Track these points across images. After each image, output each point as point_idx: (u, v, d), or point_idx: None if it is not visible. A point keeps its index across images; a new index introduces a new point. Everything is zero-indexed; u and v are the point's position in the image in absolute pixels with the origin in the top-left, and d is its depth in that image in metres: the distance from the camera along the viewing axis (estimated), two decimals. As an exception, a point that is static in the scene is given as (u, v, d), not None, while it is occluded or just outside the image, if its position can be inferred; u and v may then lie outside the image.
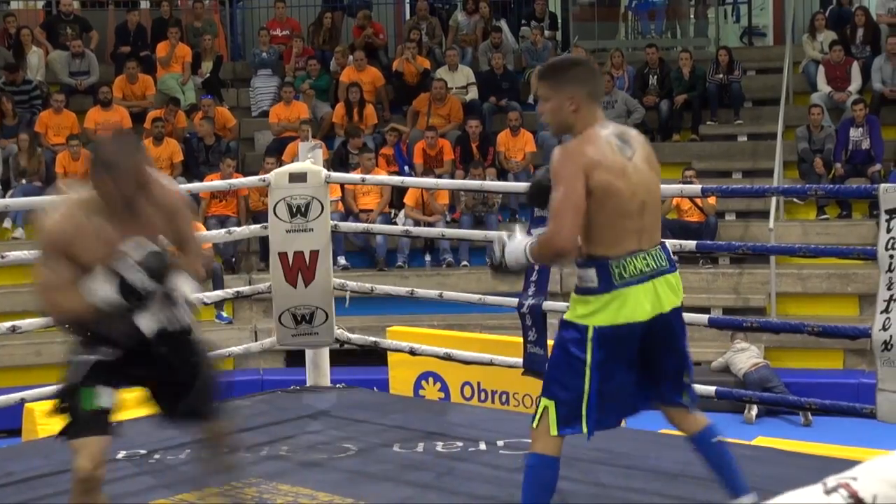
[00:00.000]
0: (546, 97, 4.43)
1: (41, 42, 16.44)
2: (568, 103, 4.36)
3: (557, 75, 4.44)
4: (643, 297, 4.42)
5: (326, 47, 17.09)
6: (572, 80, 4.40)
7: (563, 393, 4.40)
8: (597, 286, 4.37)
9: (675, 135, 15.30)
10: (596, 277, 4.37)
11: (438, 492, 5.59)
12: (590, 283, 4.38)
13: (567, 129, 4.42)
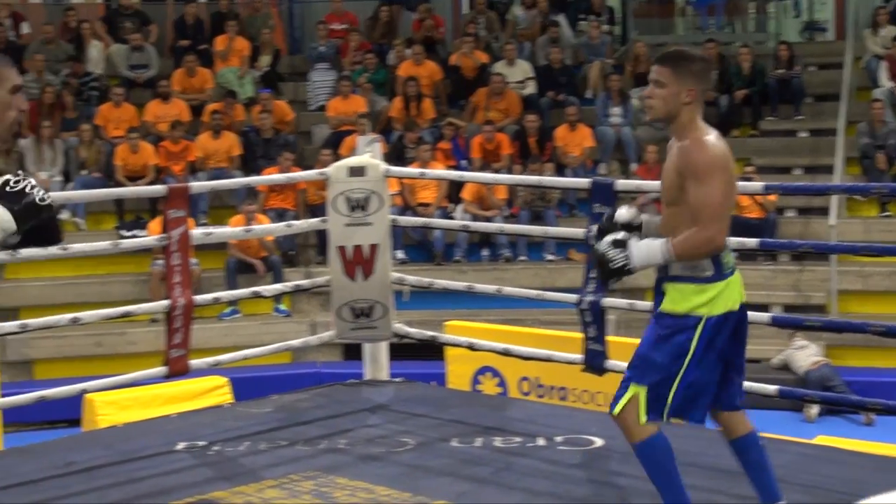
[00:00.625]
0: (664, 83, 4.47)
1: (101, 36, 16.55)
2: (685, 94, 4.44)
3: (683, 65, 4.48)
4: (738, 287, 4.57)
5: (383, 41, 17.10)
6: (696, 75, 4.50)
7: (656, 378, 4.46)
8: (712, 274, 4.46)
9: (735, 130, 15.19)
10: (711, 266, 4.46)
11: (496, 487, 5.58)
12: (706, 271, 4.47)
13: (670, 119, 4.49)
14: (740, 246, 7.27)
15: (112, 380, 6.85)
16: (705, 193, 4.34)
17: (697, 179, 4.35)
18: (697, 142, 4.42)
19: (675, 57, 4.51)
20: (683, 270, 4.46)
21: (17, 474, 5.96)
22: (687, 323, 4.45)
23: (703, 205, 4.35)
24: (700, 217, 4.36)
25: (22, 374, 12.43)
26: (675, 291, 4.50)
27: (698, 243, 4.40)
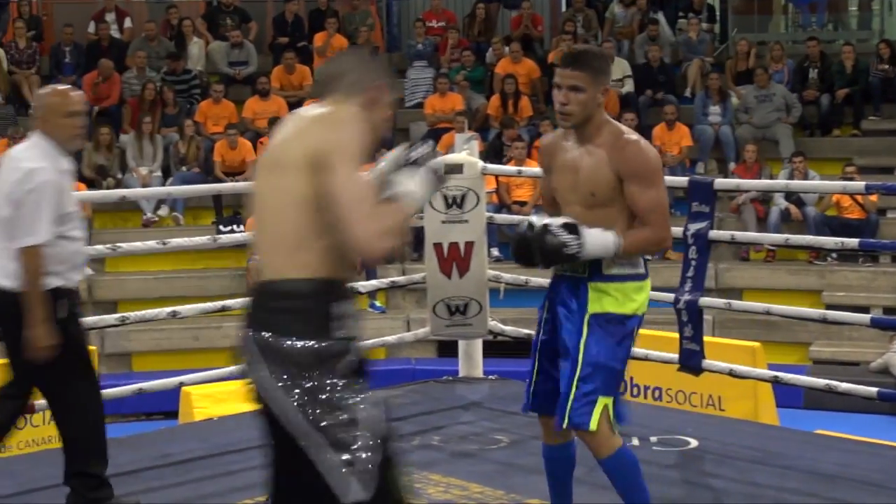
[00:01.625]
0: (582, 87, 4.29)
1: (202, 33, 16.73)
2: (601, 96, 4.33)
3: (598, 66, 4.35)
4: None
5: (481, 39, 17.10)
6: (607, 73, 4.44)
7: (617, 387, 4.36)
8: (644, 272, 4.40)
9: (836, 130, 14.98)
10: (642, 263, 4.40)
11: (589, 486, 5.54)
12: (640, 268, 4.38)
13: (585, 123, 4.33)
14: (841, 246, 7.19)
15: (209, 373, 6.93)
16: (655, 195, 4.27)
17: (646, 181, 4.26)
18: (635, 144, 4.32)
19: (590, 58, 4.35)
20: (623, 268, 4.33)
21: (115, 465, 6.00)
22: (632, 324, 4.36)
23: (655, 206, 4.27)
24: (651, 218, 4.27)
25: (120, 367, 12.60)
26: (618, 292, 4.33)
27: (652, 243, 4.35)
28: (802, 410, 10.16)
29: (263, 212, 3.39)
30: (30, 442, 8.10)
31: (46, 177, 4.88)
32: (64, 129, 4.98)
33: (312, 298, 3.31)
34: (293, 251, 3.31)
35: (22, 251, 4.88)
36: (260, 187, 3.43)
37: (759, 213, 13.51)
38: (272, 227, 3.36)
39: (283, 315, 3.32)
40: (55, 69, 16.01)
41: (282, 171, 3.33)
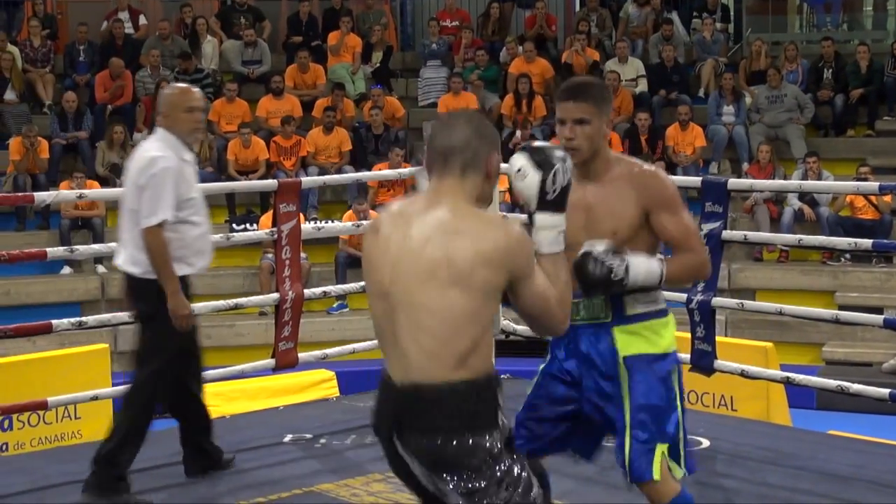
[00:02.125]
0: (588, 119, 4.09)
1: (215, 31, 16.75)
2: (607, 128, 4.15)
3: (603, 97, 4.16)
4: None
5: (495, 38, 17.10)
6: (610, 103, 4.25)
7: (673, 430, 4.12)
8: (665, 307, 4.22)
9: (850, 130, 14.96)
10: (663, 298, 4.23)
11: (601, 486, 5.55)
12: (661, 304, 4.20)
13: (592, 158, 4.12)
14: (854, 247, 7.17)
15: (221, 371, 6.93)
16: (688, 220, 4.16)
17: (673, 209, 4.11)
18: (657, 174, 4.19)
19: (593, 89, 4.16)
20: (647, 306, 4.14)
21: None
22: (671, 362, 4.15)
23: (691, 231, 4.16)
24: (691, 243, 4.15)
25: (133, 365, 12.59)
26: (647, 330, 4.12)
27: (695, 268, 4.20)
28: (815, 411, 10.14)
29: (419, 322, 3.23)
30: (42, 439, 8.12)
31: (167, 164, 5.28)
32: (184, 124, 5.40)
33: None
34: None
35: (145, 232, 5.29)
36: (405, 294, 3.25)
37: (772, 213, 13.49)
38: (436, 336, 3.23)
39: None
40: (69, 68, 16.05)
41: (452, 280, 3.19)
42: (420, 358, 3.22)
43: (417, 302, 3.21)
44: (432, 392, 3.22)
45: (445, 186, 3.32)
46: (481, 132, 3.36)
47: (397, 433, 3.29)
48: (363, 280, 3.46)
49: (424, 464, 3.27)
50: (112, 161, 14.31)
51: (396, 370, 3.29)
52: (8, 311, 11.78)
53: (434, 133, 3.38)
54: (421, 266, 3.21)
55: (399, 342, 3.26)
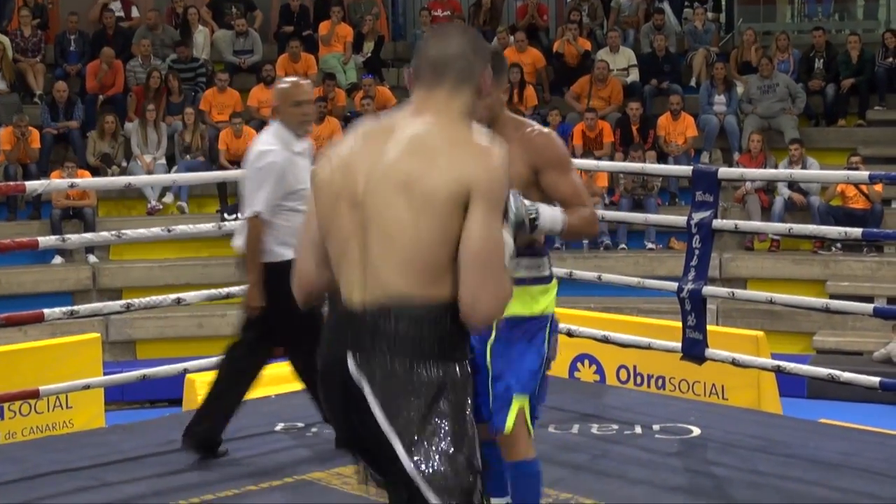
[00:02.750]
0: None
1: (207, 21, 16.73)
2: (503, 96, 4.17)
3: (499, 65, 4.03)
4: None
5: (487, 28, 17.07)
6: (504, 70, 4.21)
7: (533, 386, 4.18)
8: (549, 274, 4.30)
9: (841, 120, 14.97)
10: (547, 266, 4.30)
11: (592, 474, 5.57)
12: (546, 270, 4.28)
13: (493, 124, 4.03)
14: (845, 236, 7.19)
15: (214, 360, 6.92)
16: (576, 179, 4.19)
17: (562, 168, 4.15)
18: (544, 134, 4.19)
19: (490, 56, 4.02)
20: (529, 272, 4.17)
21: (121, 451, 6.07)
22: (540, 323, 4.22)
23: (579, 190, 4.16)
24: (579, 200, 4.13)
25: (125, 354, 12.62)
26: (525, 294, 4.14)
27: (591, 222, 4.20)
28: (806, 400, 10.16)
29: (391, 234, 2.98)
30: (34, 429, 8.12)
31: (274, 159, 5.53)
32: (292, 117, 5.60)
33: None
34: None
35: (246, 221, 5.64)
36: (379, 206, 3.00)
37: (763, 202, 13.51)
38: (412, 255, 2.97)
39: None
40: (60, 57, 16.02)
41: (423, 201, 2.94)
42: (393, 273, 2.96)
43: (390, 215, 2.97)
44: (407, 308, 2.96)
45: (433, 100, 3.10)
46: (476, 45, 3.18)
47: (355, 352, 3.00)
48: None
49: (383, 391, 2.96)
50: (103, 151, 14.31)
51: (360, 291, 3.01)
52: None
53: (426, 42, 3.18)
54: (394, 180, 2.98)
55: (370, 257, 3.00)
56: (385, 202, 2.98)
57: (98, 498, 5.40)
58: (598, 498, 5.20)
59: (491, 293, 2.94)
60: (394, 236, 2.97)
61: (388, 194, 2.98)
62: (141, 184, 13.16)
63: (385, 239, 2.98)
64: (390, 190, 2.98)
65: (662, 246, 13.70)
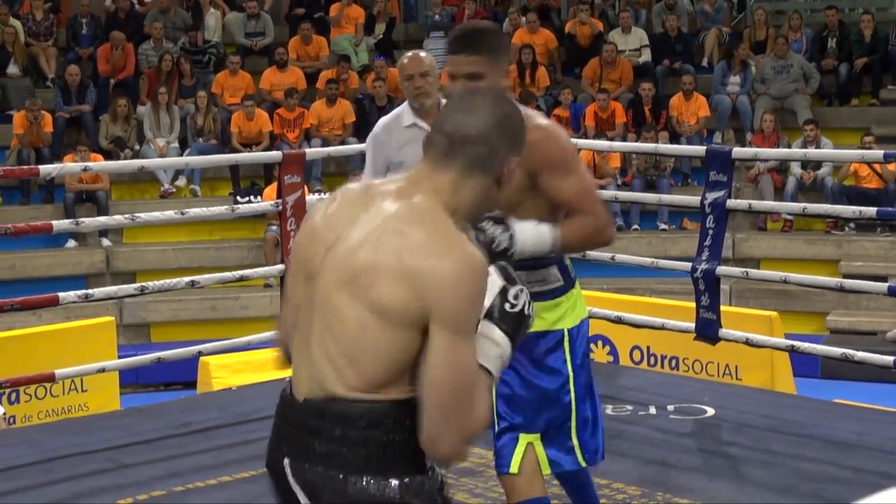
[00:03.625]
0: (482, 73, 3.59)
1: (218, 4, 16.71)
2: (504, 80, 3.66)
3: (497, 45, 3.66)
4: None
5: (498, 9, 17.06)
6: (508, 52, 3.76)
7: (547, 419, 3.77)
8: (562, 284, 3.82)
9: (854, 99, 14.91)
10: (559, 275, 3.81)
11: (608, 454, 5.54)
12: (554, 283, 3.80)
13: None
14: (859, 215, 7.18)
15: (227, 342, 6.96)
16: (580, 181, 3.70)
17: (562, 170, 3.64)
18: (538, 128, 3.62)
19: (486, 38, 3.65)
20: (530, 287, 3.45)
21: (136, 433, 6.09)
22: (549, 341, 3.77)
23: (583, 192, 3.69)
24: (584, 205, 3.67)
25: (139, 337, 12.66)
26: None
27: (593, 232, 3.70)
28: (819, 380, 10.16)
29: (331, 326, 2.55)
30: (49, 412, 8.16)
31: (374, 131, 5.58)
32: (406, 91, 5.56)
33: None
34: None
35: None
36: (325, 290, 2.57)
37: (776, 182, 13.49)
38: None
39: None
40: (72, 41, 16.02)
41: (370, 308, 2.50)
42: (331, 368, 2.54)
43: (333, 305, 2.54)
44: (343, 411, 2.53)
45: (434, 179, 2.61)
46: (506, 125, 2.66)
47: (290, 458, 2.61)
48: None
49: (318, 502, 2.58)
50: (115, 134, 14.32)
51: (303, 381, 2.61)
52: (13, 285, 11.81)
53: (446, 112, 2.68)
54: (347, 264, 2.55)
55: (311, 343, 2.59)
56: (331, 289, 2.56)
57: (116, 480, 5.42)
58: (613, 478, 5.21)
59: (455, 432, 2.48)
60: (334, 330, 2.55)
61: (335, 282, 2.55)
62: (154, 167, 13.18)
63: (325, 330, 2.56)
64: (339, 279, 2.55)
65: (675, 226, 13.69)
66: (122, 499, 5.18)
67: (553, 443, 3.79)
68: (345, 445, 2.53)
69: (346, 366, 2.53)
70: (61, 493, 5.30)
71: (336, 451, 2.54)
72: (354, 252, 2.54)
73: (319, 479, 2.56)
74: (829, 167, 13.36)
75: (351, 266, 2.54)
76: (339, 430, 2.53)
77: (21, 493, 5.31)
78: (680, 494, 5.08)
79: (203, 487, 5.33)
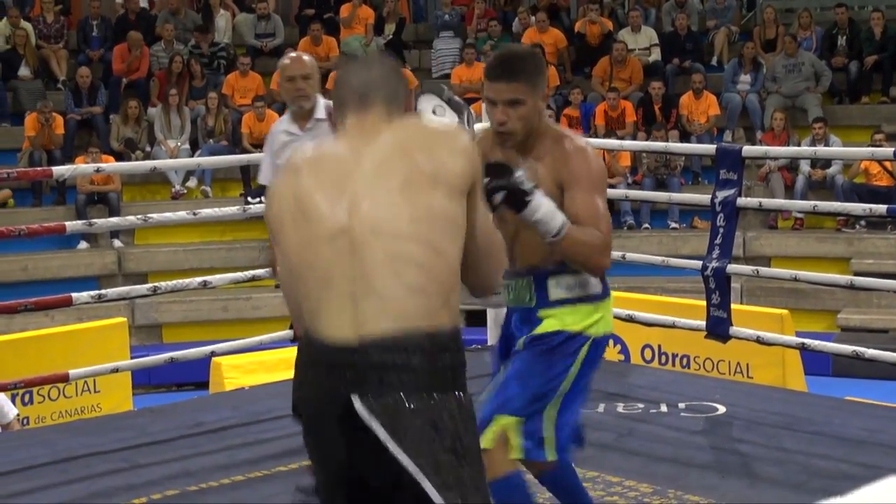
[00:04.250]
0: (522, 100, 3.69)
1: (228, 5, 16.76)
2: (543, 102, 3.75)
3: (537, 71, 3.74)
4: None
5: (508, 8, 17.08)
6: (545, 75, 3.84)
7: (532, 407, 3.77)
8: (601, 291, 3.86)
9: (865, 97, 14.91)
10: (599, 283, 3.86)
11: (619, 452, 5.58)
12: (595, 288, 3.84)
13: (529, 136, 3.75)
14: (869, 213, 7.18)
15: (240, 343, 6.97)
16: (600, 203, 3.70)
17: (586, 188, 3.67)
18: (577, 149, 3.73)
19: (524, 63, 3.74)
20: (572, 291, 3.81)
21: (149, 433, 6.11)
22: (576, 344, 3.79)
23: (598, 215, 3.68)
24: (595, 224, 3.68)
25: (151, 338, 12.69)
26: (566, 314, 3.80)
27: (595, 247, 3.68)
28: (831, 378, 10.16)
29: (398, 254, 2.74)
30: (62, 413, 8.20)
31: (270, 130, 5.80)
32: (286, 92, 5.59)
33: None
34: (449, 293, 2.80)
35: None
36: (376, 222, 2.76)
37: (786, 181, 13.49)
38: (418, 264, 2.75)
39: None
40: (83, 43, 16.07)
41: (445, 191, 2.77)
42: (405, 297, 2.71)
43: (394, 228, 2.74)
44: (416, 339, 2.71)
45: (369, 120, 2.90)
46: (398, 71, 3.03)
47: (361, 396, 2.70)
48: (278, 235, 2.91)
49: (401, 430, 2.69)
50: (126, 135, 14.36)
51: (352, 326, 2.73)
52: (26, 287, 11.85)
53: (347, 71, 3.00)
54: (392, 185, 2.77)
55: (372, 285, 2.72)
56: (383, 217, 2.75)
57: (130, 480, 5.45)
58: (625, 476, 5.22)
59: (499, 265, 2.98)
60: (402, 252, 2.73)
61: (387, 206, 2.75)
62: (166, 168, 13.22)
63: (391, 259, 2.73)
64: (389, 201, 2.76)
65: (686, 225, 13.70)
66: (136, 498, 5.20)
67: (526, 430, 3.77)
68: (423, 371, 2.71)
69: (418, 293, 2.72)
70: (76, 492, 5.33)
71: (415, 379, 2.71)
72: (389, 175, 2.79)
73: (400, 406, 2.70)
74: (838, 165, 13.36)
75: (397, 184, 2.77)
76: (416, 359, 2.71)
77: (37, 492, 5.33)
78: (691, 492, 5.08)
79: (217, 487, 5.35)
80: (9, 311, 6.39)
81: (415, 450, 2.69)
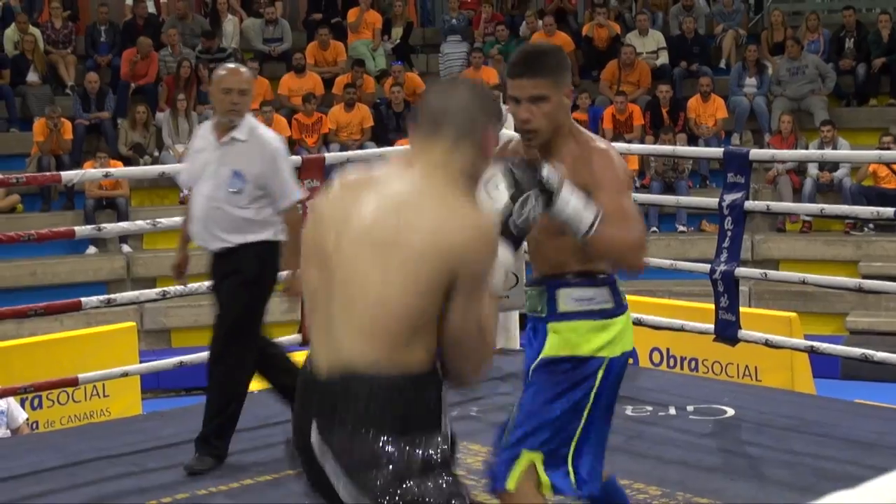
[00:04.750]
0: (546, 96, 3.58)
1: (236, 10, 16.79)
2: (567, 99, 3.65)
3: (561, 67, 3.64)
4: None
5: (515, 12, 17.10)
6: (569, 71, 3.70)
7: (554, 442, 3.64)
8: (613, 307, 3.70)
9: (872, 100, 14.91)
10: (610, 296, 3.70)
11: (627, 455, 5.59)
12: (606, 303, 3.68)
13: (552, 134, 3.63)
14: (877, 216, 7.18)
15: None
16: (626, 203, 3.55)
17: (613, 189, 3.54)
18: (601, 151, 3.63)
19: (548, 59, 3.64)
20: (580, 304, 3.66)
21: (159, 437, 6.13)
22: (588, 369, 3.65)
23: (628, 214, 3.54)
24: (628, 222, 3.52)
25: (160, 343, 12.70)
26: (573, 333, 3.65)
27: (630, 242, 3.53)
28: (839, 381, 10.16)
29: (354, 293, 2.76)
30: (72, 417, 8.21)
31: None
32: (219, 103, 5.63)
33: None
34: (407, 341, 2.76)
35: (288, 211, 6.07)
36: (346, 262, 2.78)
37: (794, 184, 13.48)
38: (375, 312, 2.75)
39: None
40: (91, 49, 16.10)
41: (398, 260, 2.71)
42: (354, 336, 2.73)
43: (357, 270, 2.75)
44: (369, 377, 2.72)
45: (429, 154, 2.84)
46: (482, 101, 2.91)
47: (318, 427, 2.78)
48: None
49: (346, 464, 2.75)
50: (135, 141, 14.38)
51: (325, 357, 2.80)
52: (35, 292, 11.86)
53: (429, 94, 2.95)
54: (368, 235, 2.75)
55: (333, 319, 2.78)
56: (354, 257, 2.76)
57: (140, 483, 5.46)
58: (633, 478, 5.22)
59: (477, 368, 2.83)
60: (357, 296, 2.74)
61: (358, 249, 2.75)
62: (175, 172, 13.20)
63: (348, 299, 2.76)
64: (362, 245, 2.76)
65: (694, 228, 13.70)
66: (145, 502, 5.22)
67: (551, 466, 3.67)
68: (372, 410, 2.73)
69: (371, 332, 2.72)
70: (86, 496, 5.34)
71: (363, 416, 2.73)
72: (372, 224, 2.76)
73: (346, 441, 2.74)
74: (846, 168, 13.35)
75: (373, 235, 2.75)
76: (364, 396, 2.73)
77: (46, 496, 5.35)
78: (700, 494, 5.09)
79: (226, 491, 5.37)
80: (18, 315, 6.41)
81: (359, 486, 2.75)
